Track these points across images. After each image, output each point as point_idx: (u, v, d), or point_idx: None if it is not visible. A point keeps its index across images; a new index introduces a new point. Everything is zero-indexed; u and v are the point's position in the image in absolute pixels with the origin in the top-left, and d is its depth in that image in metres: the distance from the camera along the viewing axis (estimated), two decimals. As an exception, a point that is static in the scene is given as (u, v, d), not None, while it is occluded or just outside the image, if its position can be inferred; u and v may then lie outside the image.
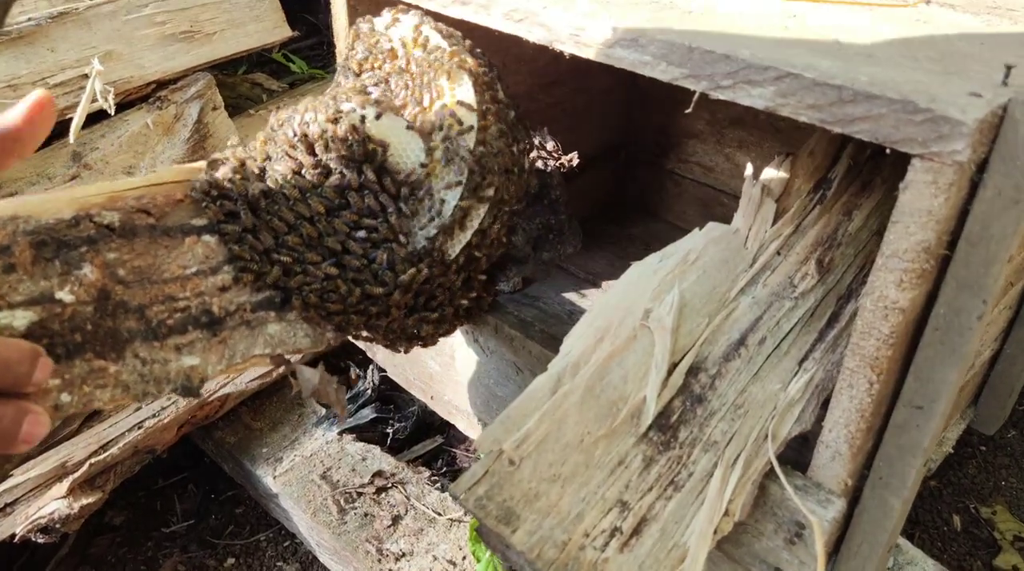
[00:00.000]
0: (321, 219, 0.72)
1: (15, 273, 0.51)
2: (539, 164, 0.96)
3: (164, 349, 0.59)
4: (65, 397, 0.51)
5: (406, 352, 0.82)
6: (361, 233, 0.72)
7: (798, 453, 0.68)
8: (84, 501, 1.04)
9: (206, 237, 0.67)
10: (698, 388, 0.68)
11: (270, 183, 0.71)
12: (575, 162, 1.01)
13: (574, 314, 0.95)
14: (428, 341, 0.82)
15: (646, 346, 0.70)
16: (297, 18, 2.46)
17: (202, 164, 0.72)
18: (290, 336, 0.68)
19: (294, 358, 0.72)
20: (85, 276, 0.53)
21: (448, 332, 0.85)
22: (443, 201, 0.74)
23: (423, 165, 0.75)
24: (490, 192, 0.75)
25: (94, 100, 1.07)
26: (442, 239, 0.74)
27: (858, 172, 0.83)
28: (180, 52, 1.21)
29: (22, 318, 0.48)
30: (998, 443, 1.25)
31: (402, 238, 0.73)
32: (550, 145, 1.02)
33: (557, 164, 1.03)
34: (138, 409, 1.11)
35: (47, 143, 1.12)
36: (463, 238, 0.75)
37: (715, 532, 0.61)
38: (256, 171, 0.72)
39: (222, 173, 0.71)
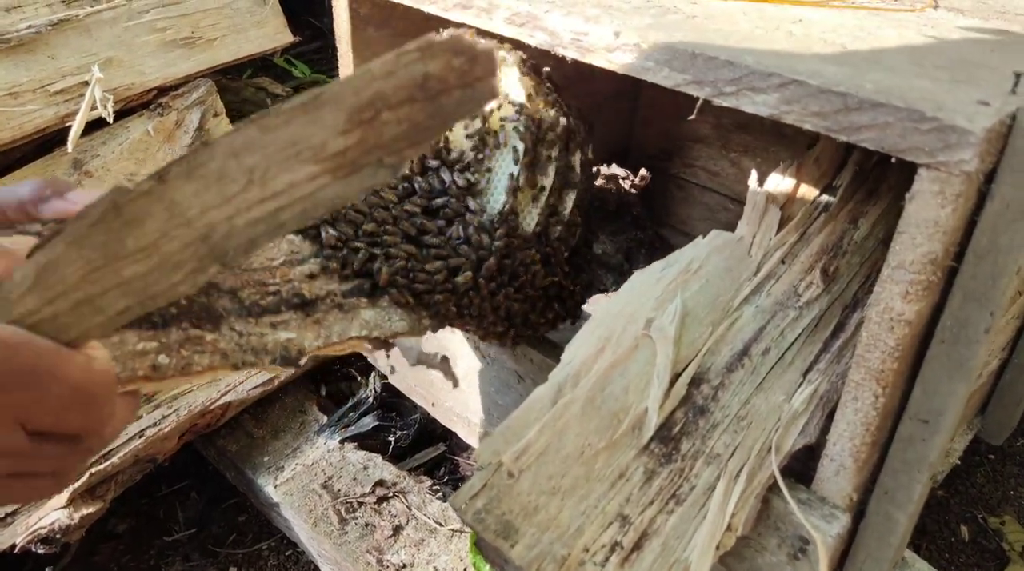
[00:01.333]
0: (394, 206, 0.76)
1: None
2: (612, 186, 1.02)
3: (259, 325, 0.61)
4: (163, 359, 0.52)
5: (512, 344, 0.85)
6: (434, 210, 0.78)
7: (804, 465, 0.67)
8: (85, 511, 1.03)
9: (289, 234, 0.69)
10: (701, 399, 0.67)
11: None
12: (647, 180, 1.04)
13: (578, 321, 0.94)
14: (522, 331, 0.82)
15: (648, 356, 0.69)
16: (301, 22, 2.46)
17: None
18: (385, 321, 0.70)
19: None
20: None
21: (542, 323, 0.84)
22: (502, 171, 0.79)
23: (475, 138, 0.80)
24: (550, 166, 0.80)
25: (94, 107, 1.07)
26: (511, 207, 0.78)
27: (864, 179, 0.82)
28: (181, 58, 1.20)
29: None
30: (1006, 452, 1.24)
31: (473, 207, 0.78)
32: (621, 171, 1.07)
33: (630, 185, 1.07)
34: (139, 418, 1.10)
35: (48, 151, 1.11)
36: (534, 212, 0.80)
37: (717, 547, 0.60)
38: None
39: None
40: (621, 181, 1.17)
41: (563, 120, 0.81)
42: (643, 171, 1.20)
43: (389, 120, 0.41)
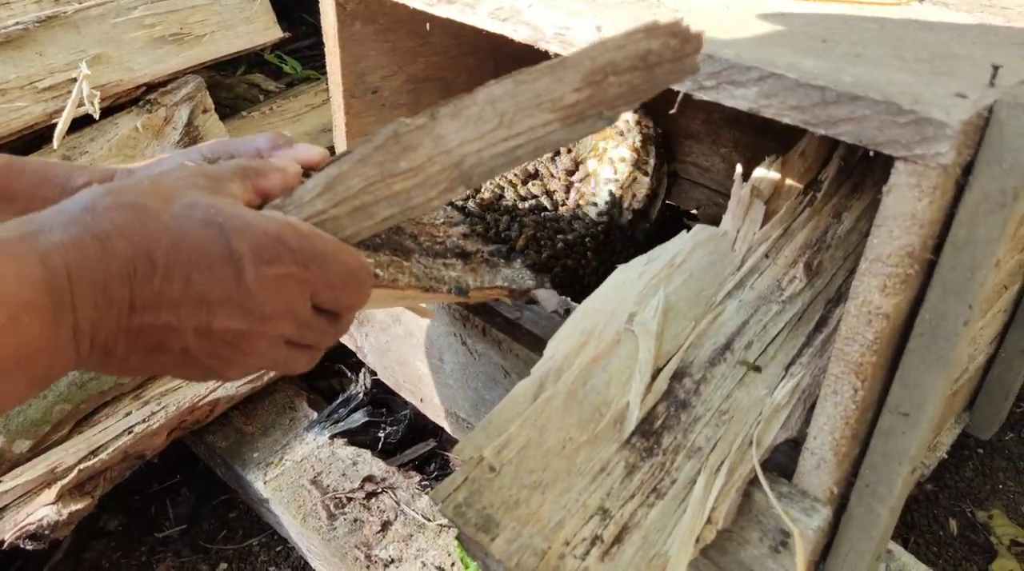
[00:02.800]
0: (520, 186, 1.01)
1: None
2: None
3: (435, 263, 0.73)
4: (379, 272, 0.62)
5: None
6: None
7: (788, 458, 0.67)
8: (73, 507, 1.03)
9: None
10: (683, 393, 0.67)
11: None
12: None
13: (567, 314, 0.94)
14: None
15: (630, 350, 0.69)
16: (295, 18, 2.46)
17: None
18: (519, 278, 0.85)
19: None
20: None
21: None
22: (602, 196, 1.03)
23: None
24: (636, 200, 1.04)
25: (81, 104, 1.07)
26: (618, 195, 1.02)
27: (849, 173, 0.82)
28: (170, 54, 1.20)
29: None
30: (995, 446, 1.24)
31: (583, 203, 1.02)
32: None
33: None
34: (127, 415, 1.10)
35: (36, 147, 1.11)
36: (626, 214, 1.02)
37: (697, 540, 0.60)
38: None
39: None
40: None
41: (647, 182, 1.06)
42: None
43: (614, 83, 0.52)
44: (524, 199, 1.01)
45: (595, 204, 1.02)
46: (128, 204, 0.45)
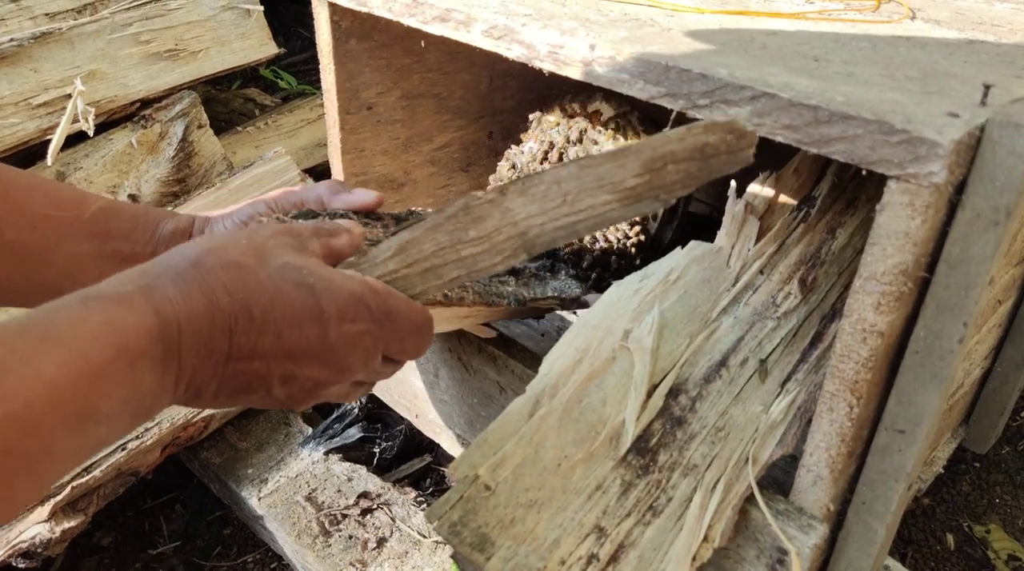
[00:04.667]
0: None
1: (389, 229, 0.70)
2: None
3: (492, 282, 0.79)
4: (447, 292, 0.67)
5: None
6: None
7: (786, 473, 0.67)
8: (66, 525, 1.03)
9: None
10: (678, 410, 0.67)
11: None
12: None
13: (563, 331, 0.94)
14: None
15: (625, 367, 0.69)
16: (291, 33, 2.47)
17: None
18: (567, 288, 0.91)
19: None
20: None
21: None
22: None
23: None
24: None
25: (75, 120, 1.07)
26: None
27: (843, 190, 0.83)
28: (165, 70, 1.20)
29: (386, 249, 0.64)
30: (992, 460, 1.24)
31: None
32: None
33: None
34: (121, 430, 1.09)
35: (31, 163, 1.11)
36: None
37: (694, 559, 0.59)
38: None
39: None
40: None
41: None
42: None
43: (672, 170, 0.57)
44: None
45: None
46: (231, 263, 0.49)
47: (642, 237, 0.99)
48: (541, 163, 1.01)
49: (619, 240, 0.98)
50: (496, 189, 0.57)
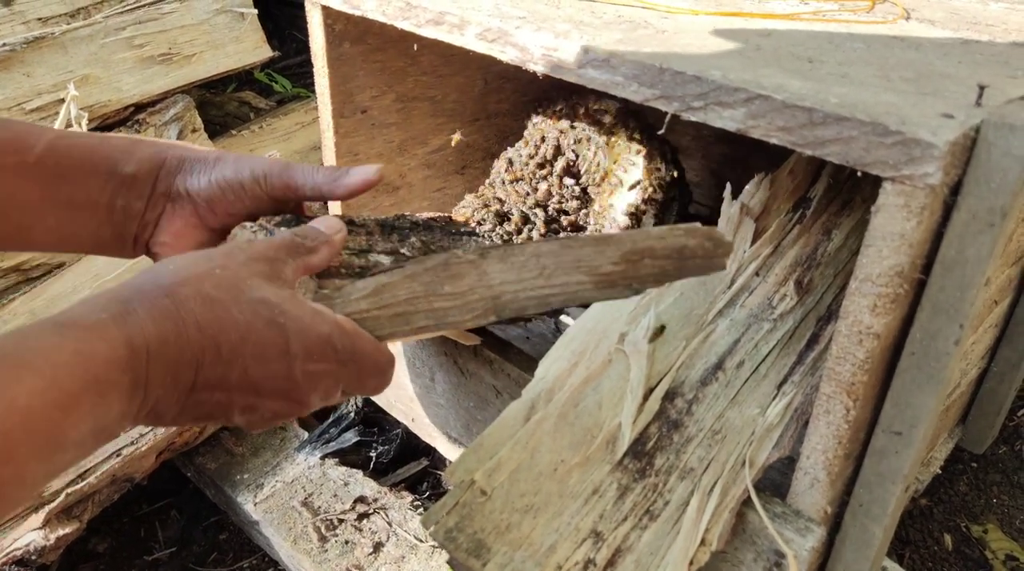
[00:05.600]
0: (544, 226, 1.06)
1: (373, 237, 0.71)
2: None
3: None
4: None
5: None
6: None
7: (783, 476, 0.67)
8: (61, 531, 1.02)
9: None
10: (674, 413, 0.67)
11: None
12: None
13: (559, 334, 0.94)
14: None
15: (621, 371, 0.68)
16: (286, 36, 2.46)
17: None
18: None
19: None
20: (413, 242, 0.73)
21: None
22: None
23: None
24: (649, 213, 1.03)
25: (69, 125, 1.06)
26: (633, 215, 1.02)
27: (838, 191, 0.83)
28: (159, 75, 1.20)
29: (385, 258, 0.67)
30: (989, 459, 1.24)
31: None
32: None
33: None
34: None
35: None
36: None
37: (691, 563, 0.59)
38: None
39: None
40: None
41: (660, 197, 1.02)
42: None
43: (648, 265, 0.59)
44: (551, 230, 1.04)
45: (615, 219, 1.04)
46: (205, 297, 0.50)
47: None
48: (536, 161, 1.01)
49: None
50: (477, 251, 0.60)
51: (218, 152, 0.67)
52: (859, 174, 0.52)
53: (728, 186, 0.81)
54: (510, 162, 1.04)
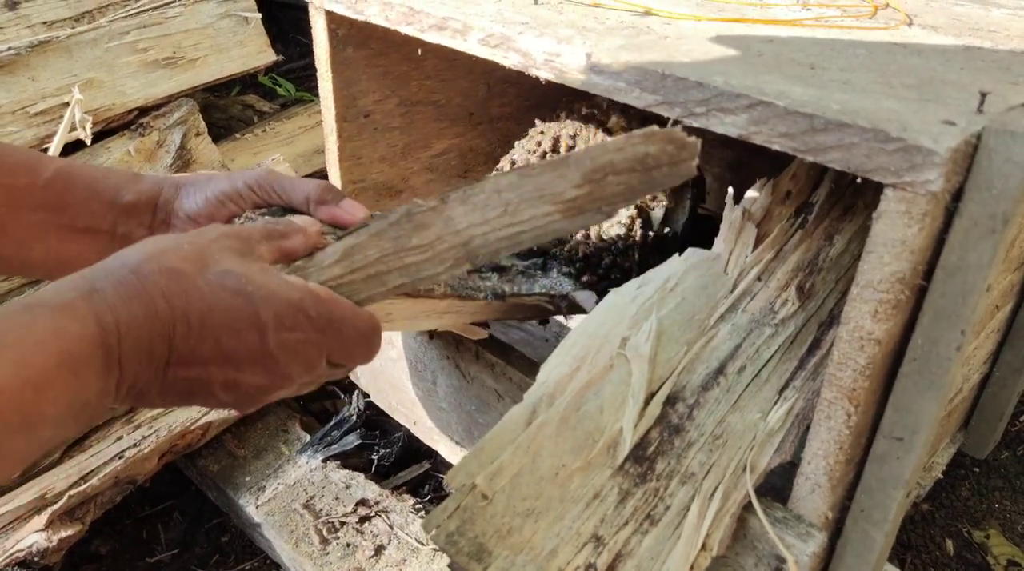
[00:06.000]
0: None
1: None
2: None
3: (470, 277, 0.77)
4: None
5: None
6: None
7: (785, 481, 0.67)
8: (64, 533, 1.02)
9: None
10: (676, 418, 0.67)
11: None
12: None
13: (561, 337, 0.94)
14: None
15: (623, 375, 0.68)
16: (290, 40, 2.47)
17: None
18: (557, 285, 0.89)
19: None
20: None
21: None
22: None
23: None
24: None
25: (73, 129, 1.07)
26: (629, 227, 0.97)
27: (840, 196, 0.83)
28: (163, 78, 1.20)
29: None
30: (991, 464, 1.24)
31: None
32: None
33: None
34: (118, 439, 1.09)
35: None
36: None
37: (692, 568, 0.59)
38: None
39: None
40: None
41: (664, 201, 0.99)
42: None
43: (612, 182, 0.56)
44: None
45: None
46: (170, 269, 0.49)
47: (640, 232, 0.96)
48: (536, 156, 1.01)
49: (618, 236, 0.96)
50: (438, 197, 0.57)
51: (210, 172, 0.69)
52: (860, 180, 0.52)
53: (730, 191, 0.82)
54: (513, 163, 1.04)
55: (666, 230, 0.99)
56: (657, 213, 0.98)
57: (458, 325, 0.88)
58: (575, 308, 0.91)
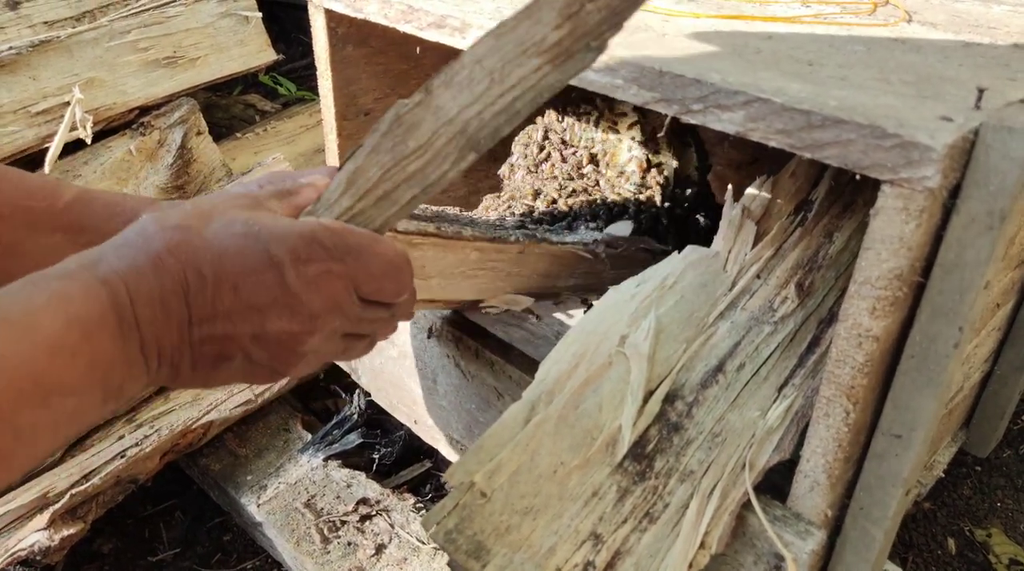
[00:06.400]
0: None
1: None
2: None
3: (495, 228, 0.81)
4: (444, 226, 0.69)
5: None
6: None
7: (784, 478, 0.66)
8: (65, 532, 1.03)
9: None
10: (675, 416, 0.67)
11: None
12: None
13: (562, 335, 0.94)
14: None
15: (622, 373, 0.68)
16: (291, 39, 2.47)
17: None
18: (586, 237, 0.89)
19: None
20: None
21: None
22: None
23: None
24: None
25: (74, 128, 1.07)
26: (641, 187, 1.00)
27: (840, 193, 0.82)
28: (164, 77, 1.20)
29: None
30: (993, 463, 1.24)
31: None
32: None
33: None
34: (120, 439, 1.10)
35: (30, 170, 1.11)
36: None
37: (690, 566, 0.59)
38: None
39: None
40: None
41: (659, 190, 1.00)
42: None
43: (592, 10, 0.52)
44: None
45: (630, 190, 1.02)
46: (172, 226, 0.48)
47: (657, 183, 0.97)
48: (531, 150, 1.03)
49: (638, 187, 0.96)
50: (421, 89, 0.54)
51: (219, 191, 0.68)
52: (859, 177, 0.52)
53: (729, 188, 0.81)
54: (512, 167, 1.04)
55: (684, 191, 1.01)
56: (668, 163, 0.99)
57: (498, 293, 0.85)
58: (614, 247, 0.89)
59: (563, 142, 1.02)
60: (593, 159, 1.01)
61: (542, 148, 1.03)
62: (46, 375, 0.41)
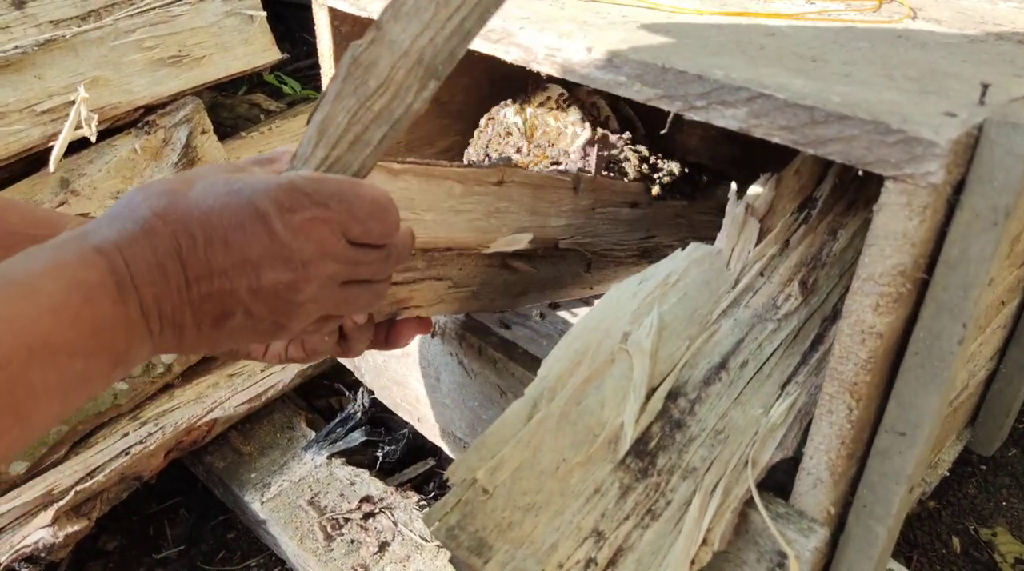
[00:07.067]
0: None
1: None
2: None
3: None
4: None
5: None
6: None
7: (788, 476, 0.66)
8: (70, 529, 1.03)
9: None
10: (677, 413, 0.67)
11: None
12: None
13: (564, 333, 0.94)
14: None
15: (624, 370, 0.68)
16: (297, 38, 2.48)
17: None
18: None
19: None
20: None
21: None
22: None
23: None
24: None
25: (79, 127, 1.07)
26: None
27: (844, 191, 0.82)
28: (168, 76, 1.21)
29: None
30: (999, 462, 1.23)
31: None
32: None
33: None
34: (125, 436, 1.10)
35: (34, 170, 1.12)
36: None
37: (693, 563, 0.59)
38: None
39: None
40: None
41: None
42: None
43: None
44: None
45: None
46: (158, 192, 0.50)
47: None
48: (482, 143, 1.06)
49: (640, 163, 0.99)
50: (372, 27, 0.54)
51: None
52: (862, 174, 0.52)
53: (733, 185, 0.81)
54: (488, 156, 1.06)
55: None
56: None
57: (496, 234, 0.84)
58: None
59: (520, 131, 1.04)
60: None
61: (490, 142, 1.05)
62: (54, 335, 0.43)
